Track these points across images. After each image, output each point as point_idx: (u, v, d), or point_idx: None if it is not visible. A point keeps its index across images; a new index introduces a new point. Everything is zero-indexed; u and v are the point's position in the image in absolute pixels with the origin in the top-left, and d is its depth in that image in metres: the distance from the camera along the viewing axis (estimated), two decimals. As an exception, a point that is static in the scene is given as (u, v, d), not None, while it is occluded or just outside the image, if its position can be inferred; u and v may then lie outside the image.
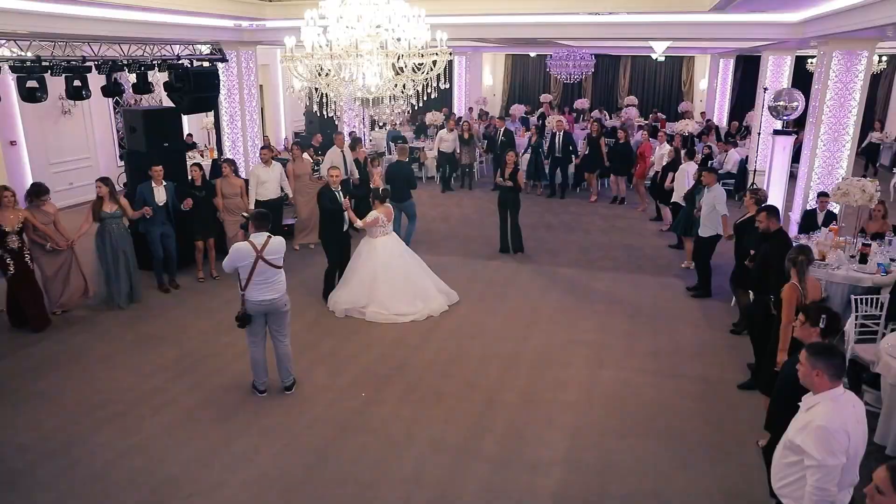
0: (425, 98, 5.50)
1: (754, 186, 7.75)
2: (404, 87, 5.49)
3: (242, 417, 5.59)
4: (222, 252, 8.95)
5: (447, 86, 5.70)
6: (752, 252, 6.62)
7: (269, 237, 5.58)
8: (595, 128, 13.54)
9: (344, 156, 10.16)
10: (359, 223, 7.56)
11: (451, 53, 5.58)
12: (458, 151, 14.59)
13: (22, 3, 6.96)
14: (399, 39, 5.17)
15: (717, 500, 4.57)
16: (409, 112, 6.08)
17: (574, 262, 9.74)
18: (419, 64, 5.40)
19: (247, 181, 9.34)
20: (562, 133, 13.53)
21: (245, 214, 5.72)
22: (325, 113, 5.85)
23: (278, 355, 5.86)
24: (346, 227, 7.95)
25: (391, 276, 7.52)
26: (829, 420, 3.05)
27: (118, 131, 14.21)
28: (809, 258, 4.93)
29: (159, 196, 7.97)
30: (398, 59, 5.30)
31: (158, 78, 10.54)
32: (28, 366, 6.50)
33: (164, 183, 8.02)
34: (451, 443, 5.23)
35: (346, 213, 7.75)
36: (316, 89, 5.65)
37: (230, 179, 8.73)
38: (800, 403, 3.30)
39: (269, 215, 5.86)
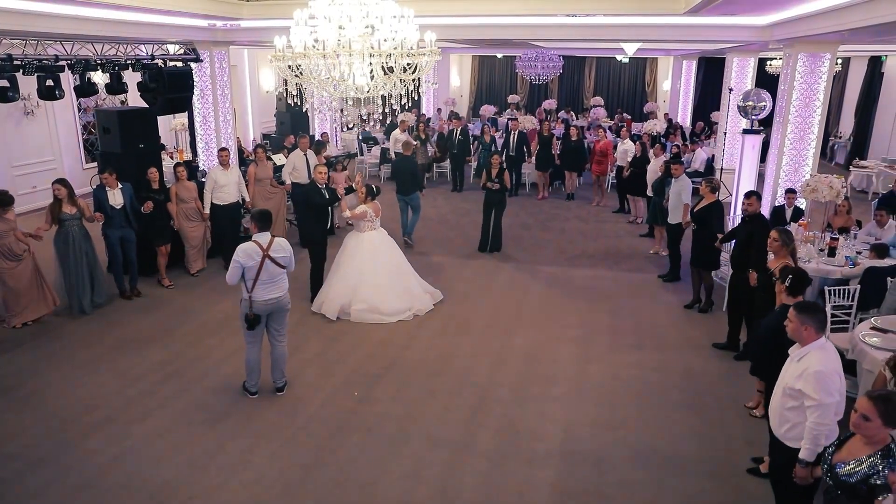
0: (416, 97, 5.54)
1: (709, 178, 8.38)
2: (395, 85, 5.52)
3: (235, 419, 5.54)
4: (178, 259, 8.83)
5: (436, 85, 5.77)
6: (718, 235, 7.27)
7: (273, 236, 5.59)
8: (546, 127, 13.86)
9: (307, 159, 10.04)
10: (347, 213, 7.58)
11: (440, 53, 5.65)
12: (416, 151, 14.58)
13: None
14: (386, 40, 5.20)
15: (709, 487, 4.73)
16: (395, 113, 6.08)
17: (553, 260, 9.90)
18: (409, 64, 5.44)
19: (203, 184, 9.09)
20: (516, 133, 13.76)
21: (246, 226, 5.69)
22: (311, 113, 5.86)
23: (274, 357, 5.84)
24: (329, 225, 7.99)
25: (377, 271, 7.55)
26: (823, 365, 3.53)
27: (83, 132, 13.87)
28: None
29: (115, 199, 7.73)
30: (387, 58, 5.33)
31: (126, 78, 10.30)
32: (5, 374, 6.31)
33: (121, 185, 7.79)
34: (447, 439, 5.28)
35: (331, 209, 7.84)
36: (304, 89, 5.63)
37: (185, 184, 8.52)
38: (790, 352, 3.77)
39: (271, 214, 5.85)
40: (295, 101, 5.58)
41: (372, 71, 5.31)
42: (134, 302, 8.10)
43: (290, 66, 5.30)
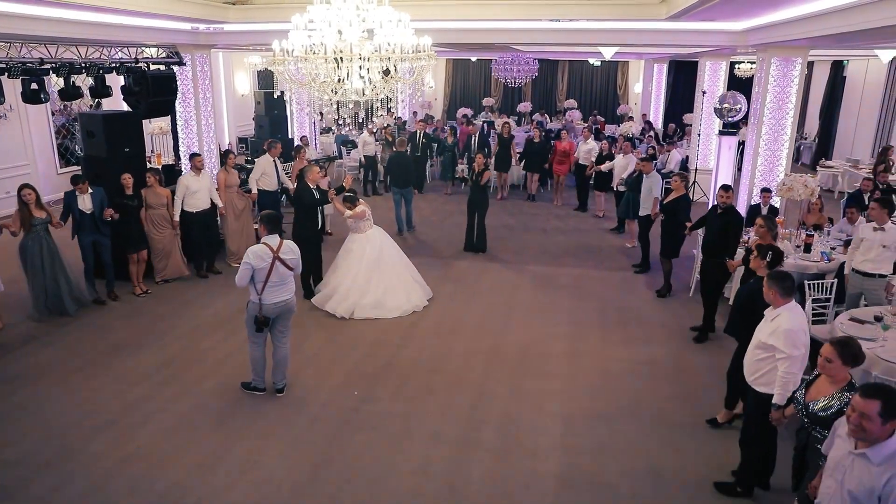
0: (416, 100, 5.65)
1: (682, 172, 9.08)
2: (392, 90, 5.62)
3: (238, 421, 5.57)
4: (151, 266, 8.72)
5: (432, 86, 5.89)
6: (686, 224, 7.85)
7: (282, 239, 5.66)
8: (506, 129, 14.10)
9: (276, 165, 9.94)
10: (348, 213, 7.66)
11: (435, 57, 5.77)
12: (381, 154, 14.79)
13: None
14: (380, 46, 5.30)
15: (703, 472, 4.92)
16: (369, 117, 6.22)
17: (537, 260, 10.09)
18: (394, 68, 5.55)
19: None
20: (476, 135, 14.05)
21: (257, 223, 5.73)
22: (290, 112, 5.93)
23: (277, 358, 5.89)
24: (319, 226, 8.10)
25: (384, 268, 7.75)
26: (791, 323, 4.13)
27: (56, 136, 13.64)
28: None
29: (84, 204, 7.69)
30: (385, 61, 5.43)
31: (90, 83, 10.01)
32: (-3, 381, 6.24)
33: (91, 190, 7.73)
34: (450, 435, 5.40)
35: (321, 209, 7.98)
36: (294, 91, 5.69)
37: (155, 189, 8.41)
38: (765, 313, 4.36)
39: (280, 217, 5.90)
40: (287, 103, 5.63)
41: (369, 74, 5.41)
42: (120, 308, 8.02)
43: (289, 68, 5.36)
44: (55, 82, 9.49)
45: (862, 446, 2.96)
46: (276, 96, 10.47)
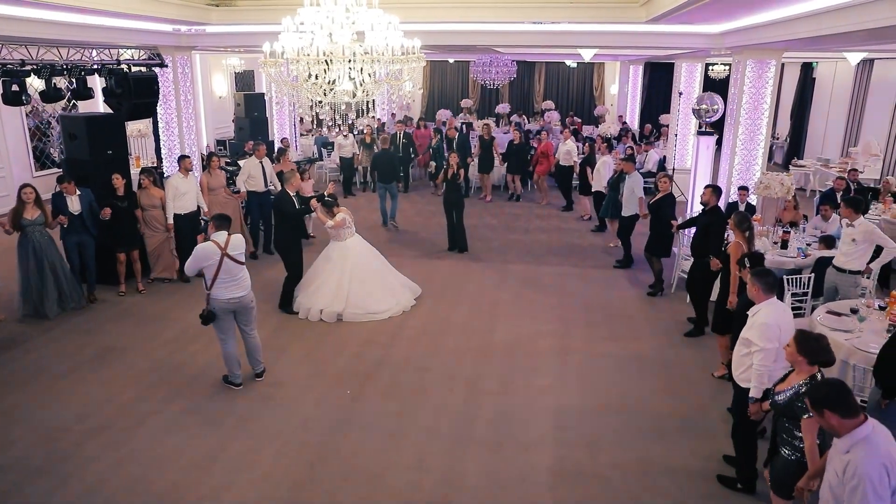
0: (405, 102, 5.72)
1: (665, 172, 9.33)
2: (384, 92, 5.69)
3: (232, 421, 5.58)
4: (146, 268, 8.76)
5: (421, 89, 5.96)
6: (673, 222, 8.03)
7: (230, 235, 5.78)
8: (486, 131, 14.15)
9: (263, 167, 9.93)
10: (330, 223, 7.66)
11: (424, 59, 5.85)
12: (358, 155, 14.83)
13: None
14: (368, 51, 5.37)
15: (691, 463, 5.08)
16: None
17: (521, 259, 10.21)
18: (398, 70, 5.63)
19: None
20: (457, 136, 14.20)
21: (204, 218, 5.83)
22: (270, 113, 5.98)
23: (249, 348, 6.09)
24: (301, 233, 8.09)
25: (365, 275, 7.72)
26: (767, 318, 4.28)
27: (31, 139, 13.42)
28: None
29: (73, 205, 7.72)
30: (373, 64, 5.49)
31: (66, 83, 9.87)
32: (-17, 386, 6.16)
33: (79, 192, 7.77)
34: (444, 431, 5.48)
35: (305, 218, 7.91)
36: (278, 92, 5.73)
37: (149, 191, 8.44)
38: (748, 312, 4.52)
39: (230, 217, 6.05)
40: (273, 104, 5.68)
41: (362, 75, 5.47)
42: (108, 311, 7.97)
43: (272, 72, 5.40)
44: (30, 83, 9.38)
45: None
46: (266, 98, 10.51)
